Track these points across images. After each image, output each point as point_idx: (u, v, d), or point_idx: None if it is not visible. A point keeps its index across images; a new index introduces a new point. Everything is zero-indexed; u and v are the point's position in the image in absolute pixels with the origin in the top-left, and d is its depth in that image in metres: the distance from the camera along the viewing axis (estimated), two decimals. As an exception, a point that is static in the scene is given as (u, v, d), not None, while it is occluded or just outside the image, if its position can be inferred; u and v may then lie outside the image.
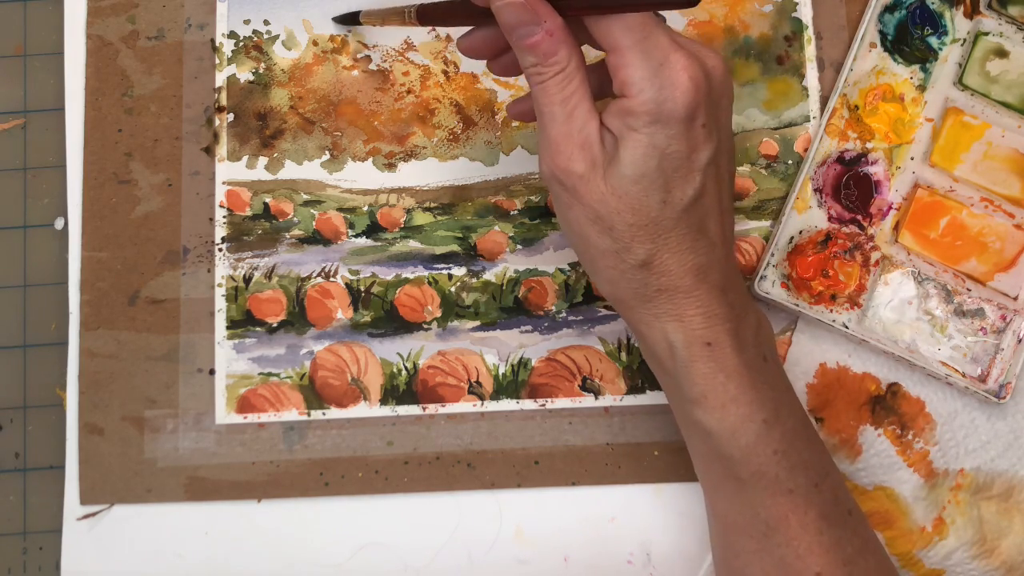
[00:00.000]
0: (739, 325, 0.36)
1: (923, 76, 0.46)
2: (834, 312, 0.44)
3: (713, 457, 0.37)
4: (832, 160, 0.45)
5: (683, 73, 0.33)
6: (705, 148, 0.34)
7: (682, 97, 0.33)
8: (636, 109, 0.33)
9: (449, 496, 0.44)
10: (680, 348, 0.36)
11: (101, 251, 0.45)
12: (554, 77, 0.34)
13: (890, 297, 0.44)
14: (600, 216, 0.34)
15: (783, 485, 0.36)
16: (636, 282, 0.35)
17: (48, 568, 0.44)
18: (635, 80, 0.33)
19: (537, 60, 0.34)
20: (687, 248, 0.35)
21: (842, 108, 0.45)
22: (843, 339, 0.44)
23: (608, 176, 0.34)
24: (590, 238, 0.35)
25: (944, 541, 0.43)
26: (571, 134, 0.34)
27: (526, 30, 0.34)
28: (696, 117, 0.33)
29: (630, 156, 0.33)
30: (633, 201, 0.34)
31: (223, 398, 0.44)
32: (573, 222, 0.35)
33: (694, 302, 0.35)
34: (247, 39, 0.47)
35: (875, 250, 0.45)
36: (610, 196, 0.34)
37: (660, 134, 0.33)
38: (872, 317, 0.44)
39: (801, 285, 0.44)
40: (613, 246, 0.35)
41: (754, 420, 0.35)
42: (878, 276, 0.44)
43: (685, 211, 0.34)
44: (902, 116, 0.45)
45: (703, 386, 0.36)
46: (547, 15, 0.34)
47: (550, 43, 0.34)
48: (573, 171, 0.34)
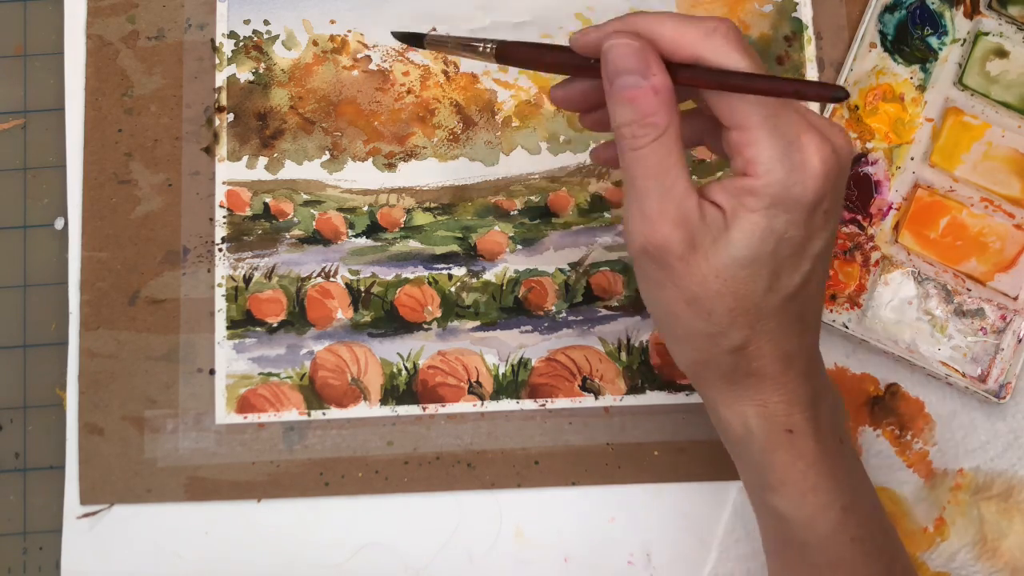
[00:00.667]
0: (818, 411, 0.34)
1: (923, 76, 0.46)
2: (834, 312, 0.44)
3: (786, 542, 0.36)
4: None
5: (815, 156, 0.31)
6: (822, 235, 0.32)
7: (812, 183, 0.31)
8: (760, 190, 0.31)
9: (449, 496, 0.44)
10: (759, 434, 0.34)
11: (101, 251, 0.45)
12: (651, 144, 0.31)
13: (890, 297, 0.44)
14: (697, 298, 0.32)
15: (859, 572, 0.34)
16: (726, 366, 0.33)
17: (48, 568, 0.44)
18: (763, 160, 0.30)
19: (635, 117, 0.31)
20: (783, 335, 0.33)
21: (842, 108, 0.45)
22: (842, 339, 0.44)
23: (712, 256, 0.31)
24: (682, 319, 0.33)
25: (946, 542, 0.43)
26: (667, 209, 0.31)
27: (631, 80, 0.31)
28: (821, 203, 0.31)
29: (743, 238, 0.31)
30: (738, 285, 0.31)
31: (223, 398, 0.44)
32: (664, 301, 0.33)
33: (780, 388, 0.33)
34: (247, 39, 0.47)
35: (875, 250, 0.45)
36: (712, 278, 0.31)
37: (780, 218, 0.31)
38: (872, 317, 0.44)
39: None
40: (708, 329, 0.32)
41: (833, 508, 0.34)
42: (878, 276, 0.44)
43: (789, 298, 0.32)
44: (902, 116, 0.45)
45: (782, 474, 0.34)
46: (658, 70, 0.31)
47: (652, 101, 0.31)
48: (671, 250, 0.31)
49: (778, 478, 0.34)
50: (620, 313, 0.45)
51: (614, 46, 0.31)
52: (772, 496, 0.35)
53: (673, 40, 0.31)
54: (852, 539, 0.34)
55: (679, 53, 0.31)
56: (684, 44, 0.31)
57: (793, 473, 0.34)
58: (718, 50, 0.31)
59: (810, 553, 0.35)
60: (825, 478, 0.34)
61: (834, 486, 0.34)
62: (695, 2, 0.47)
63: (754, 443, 0.34)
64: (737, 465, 0.37)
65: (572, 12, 0.47)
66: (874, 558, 0.35)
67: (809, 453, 0.34)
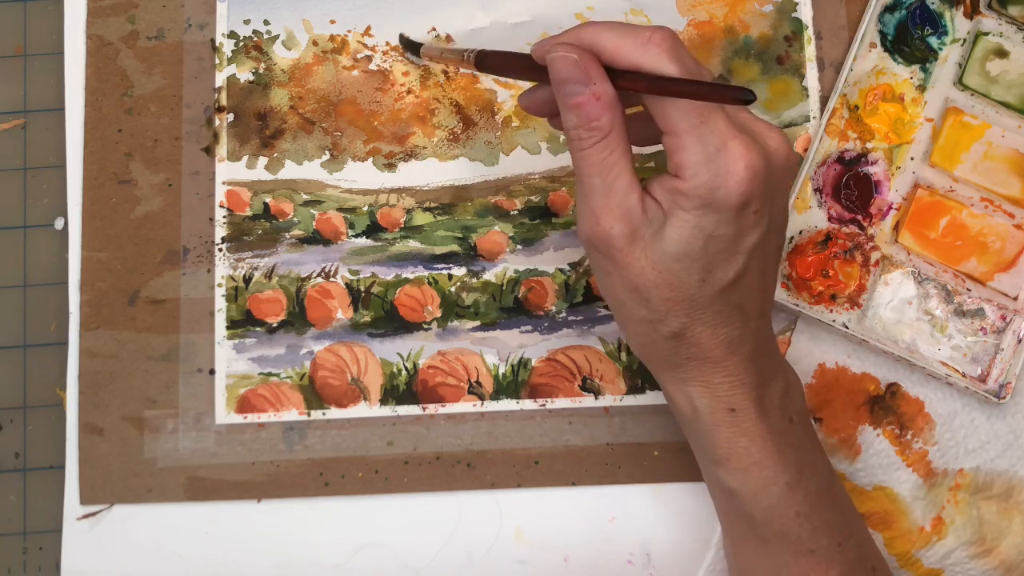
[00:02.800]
0: (765, 390, 0.36)
1: (923, 76, 0.46)
2: (834, 312, 0.44)
3: (735, 515, 0.37)
4: (832, 160, 0.45)
5: (739, 162, 0.32)
6: (753, 232, 0.34)
7: (736, 187, 0.32)
8: (688, 192, 0.33)
9: (449, 496, 0.44)
10: (704, 412, 0.36)
11: (101, 251, 0.45)
12: (595, 145, 0.34)
13: (890, 297, 0.44)
14: (637, 287, 0.34)
15: (805, 546, 0.36)
16: (667, 350, 0.36)
17: (48, 568, 0.44)
18: (689, 164, 0.32)
19: (579, 122, 0.34)
20: (721, 323, 0.35)
21: (842, 108, 0.45)
22: (842, 339, 0.44)
23: (649, 249, 0.34)
24: (625, 304, 0.35)
25: (943, 541, 0.43)
26: (610, 203, 0.34)
27: (574, 88, 0.34)
28: (749, 204, 0.33)
29: (675, 234, 0.33)
30: (672, 277, 0.34)
31: (223, 398, 0.44)
32: (609, 287, 0.36)
33: (722, 371, 0.35)
34: (247, 39, 0.47)
35: (875, 250, 0.45)
36: (649, 269, 0.34)
37: (709, 218, 0.33)
38: (872, 317, 0.44)
39: (801, 285, 0.44)
40: (648, 316, 0.35)
41: (776, 483, 0.36)
42: (878, 276, 0.44)
43: (723, 291, 0.34)
44: (902, 116, 0.45)
45: (726, 449, 0.36)
46: (598, 78, 0.33)
47: (595, 107, 0.33)
48: (612, 242, 0.34)
49: (723, 453, 0.36)
50: (620, 313, 0.45)
51: (555, 58, 0.34)
52: (718, 470, 0.37)
53: (614, 49, 0.33)
54: (797, 514, 0.36)
55: (620, 61, 0.33)
56: (624, 53, 0.33)
57: (736, 448, 0.36)
58: (653, 58, 0.33)
59: (757, 526, 0.36)
60: (769, 454, 0.36)
61: (778, 462, 0.36)
62: (695, 2, 0.47)
63: (700, 420, 0.36)
64: (688, 440, 0.39)
65: (572, 12, 0.47)
66: (822, 533, 0.36)
67: (752, 430, 0.36)
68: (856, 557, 0.37)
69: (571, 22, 0.47)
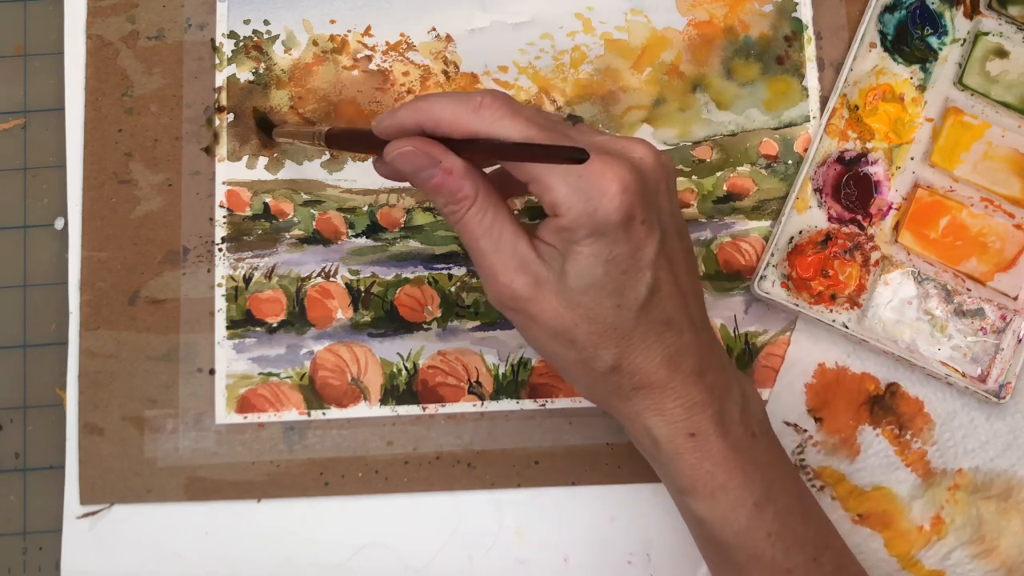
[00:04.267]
0: (722, 407, 0.35)
1: (923, 76, 0.46)
2: (834, 312, 0.44)
3: (708, 542, 0.36)
4: (832, 160, 0.45)
5: (607, 179, 0.32)
6: (649, 243, 0.34)
7: (611, 203, 0.32)
8: (570, 225, 0.33)
9: (449, 496, 0.44)
10: (664, 441, 0.35)
11: (101, 251, 0.45)
12: (468, 212, 0.34)
13: (890, 297, 0.44)
14: (558, 331, 0.34)
15: (781, 566, 0.35)
16: (610, 385, 0.35)
17: (48, 568, 0.44)
18: (561, 200, 0.32)
19: (446, 199, 0.34)
20: (653, 343, 0.34)
21: (842, 108, 0.45)
22: (842, 339, 0.44)
23: (557, 291, 0.34)
24: (556, 353, 0.35)
25: (943, 541, 0.43)
26: (504, 260, 0.34)
27: (426, 173, 0.34)
28: (633, 217, 0.33)
29: (575, 268, 0.33)
30: (586, 311, 0.33)
31: (223, 398, 0.44)
32: (535, 341, 0.35)
33: (671, 394, 0.35)
34: (247, 39, 0.47)
35: (875, 250, 0.45)
36: (564, 310, 0.34)
37: (599, 243, 0.33)
38: (872, 317, 0.44)
39: (801, 285, 0.44)
40: (579, 356, 0.34)
41: (744, 505, 0.35)
42: (878, 276, 0.44)
43: (642, 309, 0.34)
44: (902, 116, 0.45)
45: (691, 477, 0.35)
46: (441, 155, 0.34)
47: (453, 181, 0.34)
48: (519, 294, 0.34)
49: (688, 482, 0.35)
50: (620, 313, 0.45)
51: (396, 157, 0.34)
52: (686, 499, 0.36)
53: (450, 121, 0.34)
54: (768, 534, 0.35)
55: (457, 131, 0.34)
56: (459, 123, 0.34)
57: (701, 475, 0.35)
58: (487, 123, 0.33)
59: (730, 551, 0.35)
60: (733, 475, 0.35)
61: (743, 481, 0.35)
62: (695, 2, 0.47)
63: (661, 450, 0.35)
64: (655, 471, 0.38)
65: (572, 12, 0.47)
66: (796, 551, 0.35)
67: (714, 453, 0.35)
68: (834, 569, 0.36)
69: (571, 22, 0.47)
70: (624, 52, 0.47)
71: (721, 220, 0.46)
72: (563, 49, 0.47)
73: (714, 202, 0.46)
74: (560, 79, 0.47)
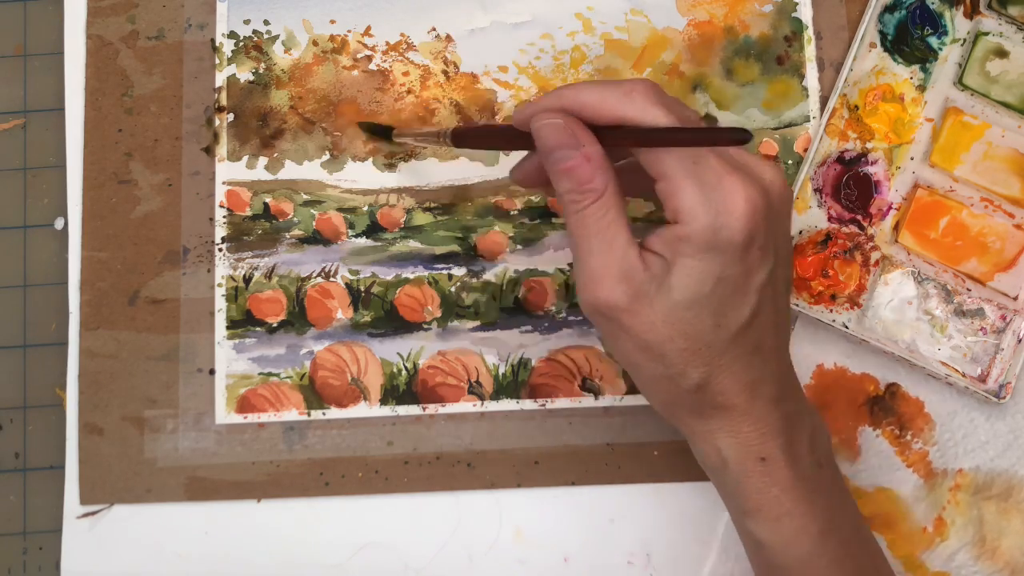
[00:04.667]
0: (793, 436, 0.35)
1: (923, 76, 0.46)
2: (834, 312, 0.44)
3: (767, 566, 0.36)
4: (832, 160, 0.45)
5: (739, 199, 0.32)
6: (762, 269, 0.33)
7: (738, 223, 0.32)
8: (690, 236, 0.32)
9: (449, 496, 0.44)
10: (733, 463, 0.35)
11: (101, 251, 0.45)
12: (591, 206, 0.33)
13: (890, 297, 0.44)
14: (650, 344, 0.33)
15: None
16: (691, 403, 0.34)
17: (48, 568, 0.44)
18: (688, 207, 0.32)
19: (573, 186, 0.33)
20: (741, 367, 0.34)
21: (842, 108, 0.45)
22: (841, 340, 0.44)
23: (656, 303, 0.33)
24: (641, 365, 0.34)
25: (945, 542, 0.43)
26: (610, 265, 0.33)
27: (563, 153, 0.33)
28: (754, 241, 0.32)
29: (682, 282, 0.32)
30: (685, 327, 0.33)
31: (223, 398, 0.44)
32: (621, 351, 0.34)
33: (749, 419, 0.34)
34: (247, 39, 0.47)
35: (875, 250, 0.45)
36: (660, 323, 0.33)
37: (715, 260, 0.32)
38: (872, 317, 0.44)
39: (801, 285, 0.44)
40: (666, 372, 0.34)
41: (808, 532, 0.35)
42: (878, 276, 0.44)
43: (739, 332, 0.33)
44: (902, 116, 0.45)
45: (757, 500, 0.35)
46: (586, 140, 0.33)
47: (587, 169, 0.33)
48: (616, 304, 0.33)
49: (753, 504, 0.35)
50: (620, 313, 0.45)
51: (542, 127, 0.33)
52: (749, 521, 0.36)
53: (596, 106, 0.33)
54: (830, 562, 0.35)
55: (604, 117, 0.33)
56: (607, 108, 0.33)
57: (767, 499, 0.35)
58: (638, 109, 0.33)
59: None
60: (800, 503, 0.35)
61: (808, 510, 0.35)
62: (695, 2, 0.47)
63: (729, 471, 0.35)
64: (718, 491, 0.37)
65: (572, 12, 0.47)
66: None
67: (783, 479, 0.35)
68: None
69: (571, 22, 0.47)
70: (624, 52, 0.47)
71: (721, 220, 0.46)
72: (563, 49, 0.47)
73: (714, 202, 0.46)
74: (560, 79, 0.47)
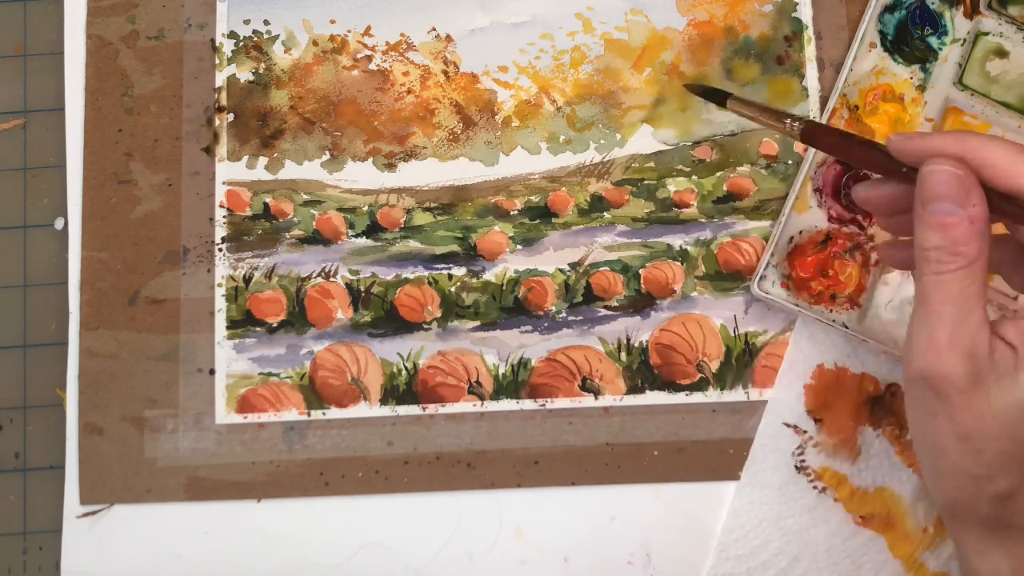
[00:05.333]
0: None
1: (923, 76, 0.46)
2: (834, 312, 0.44)
3: None
4: (832, 160, 0.45)
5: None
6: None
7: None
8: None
9: (449, 496, 0.44)
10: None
11: (101, 251, 0.45)
12: (955, 272, 0.30)
13: (890, 297, 0.44)
14: (970, 435, 0.31)
15: None
16: (987, 511, 0.32)
17: (48, 568, 0.44)
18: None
19: (944, 245, 0.30)
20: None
21: (842, 108, 0.45)
22: (842, 340, 0.44)
23: (994, 394, 0.30)
24: (949, 454, 0.31)
25: (945, 542, 0.43)
26: (958, 339, 0.30)
27: (946, 207, 0.30)
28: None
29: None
30: (1018, 430, 0.30)
31: (223, 398, 0.44)
32: (933, 433, 0.32)
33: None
34: (247, 39, 0.47)
35: (875, 250, 0.45)
36: (990, 416, 0.30)
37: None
38: (872, 317, 0.44)
39: (801, 285, 0.44)
40: (975, 470, 0.31)
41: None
42: (878, 276, 0.44)
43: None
44: (902, 116, 0.45)
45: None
46: (977, 200, 0.30)
47: (966, 231, 0.30)
48: (953, 381, 0.30)
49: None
50: (620, 313, 0.45)
51: (935, 171, 0.30)
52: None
53: (1004, 168, 0.30)
54: None
55: (1003, 182, 0.30)
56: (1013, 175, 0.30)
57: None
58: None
59: None
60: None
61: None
62: (695, 2, 0.47)
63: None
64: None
65: (572, 12, 0.47)
66: None
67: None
68: None
69: (571, 22, 0.47)
70: (624, 52, 0.47)
71: (721, 220, 0.46)
72: (563, 49, 0.47)
73: (714, 202, 0.46)
74: (560, 79, 0.47)
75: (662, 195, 0.46)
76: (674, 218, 0.46)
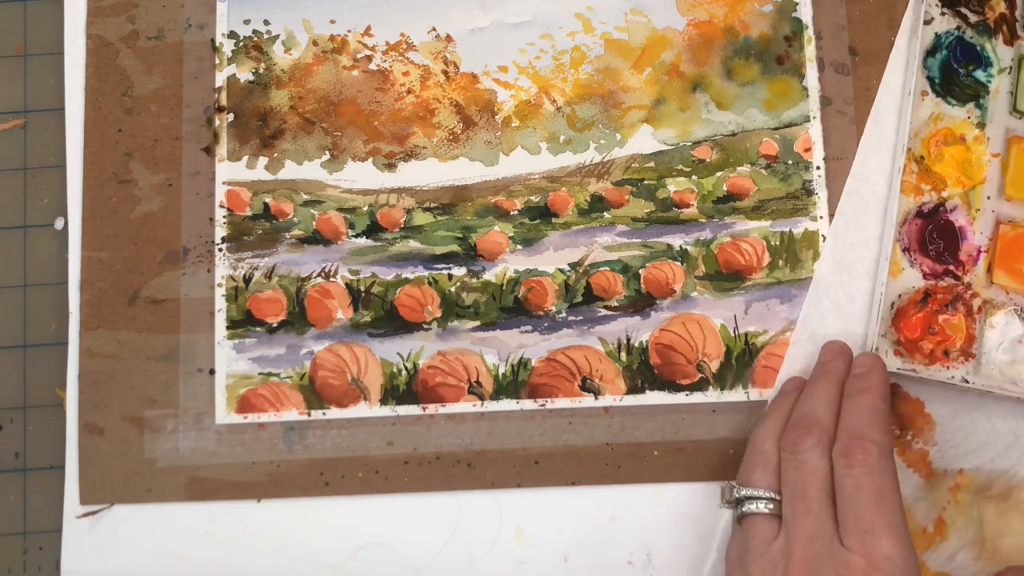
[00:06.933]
0: None
1: (979, 112, 0.45)
2: (951, 368, 0.43)
3: None
4: (912, 216, 0.44)
5: None
6: None
7: None
8: None
9: (449, 496, 0.44)
10: None
11: (101, 251, 0.45)
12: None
13: (999, 339, 0.43)
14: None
15: None
16: None
17: (48, 568, 0.44)
18: None
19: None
20: None
21: (909, 163, 0.44)
22: (958, 393, 0.43)
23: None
24: None
25: (945, 542, 0.43)
26: None
27: None
28: None
29: None
30: None
31: (223, 398, 0.44)
32: None
33: None
34: (247, 39, 0.47)
35: (975, 297, 0.44)
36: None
37: None
38: (987, 364, 0.43)
39: (911, 347, 0.43)
40: None
41: None
42: (983, 321, 0.44)
43: None
44: (968, 157, 0.45)
45: None
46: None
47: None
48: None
49: None
50: (620, 313, 0.45)
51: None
52: None
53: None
54: None
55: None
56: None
57: None
58: None
59: None
60: None
61: None
62: (695, 2, 0.47)
63: None
64: None
65: (572, 12, 0.47)
66: None
67: None
68: None
69: (571, 22, 0.47)
70: (624, 52, 0.47)
71: (721, 220, 0.46)
72: (563, 49, 0.47)
73: (714, 202, 0.46)
74: (560, 79, 0.47)
75: (662, 195, 0.46)
76: (674, 218, 0.46)
